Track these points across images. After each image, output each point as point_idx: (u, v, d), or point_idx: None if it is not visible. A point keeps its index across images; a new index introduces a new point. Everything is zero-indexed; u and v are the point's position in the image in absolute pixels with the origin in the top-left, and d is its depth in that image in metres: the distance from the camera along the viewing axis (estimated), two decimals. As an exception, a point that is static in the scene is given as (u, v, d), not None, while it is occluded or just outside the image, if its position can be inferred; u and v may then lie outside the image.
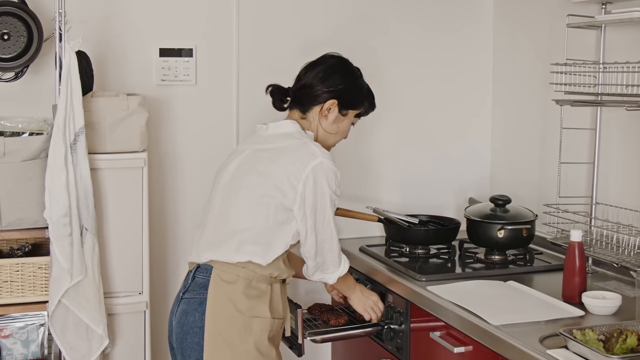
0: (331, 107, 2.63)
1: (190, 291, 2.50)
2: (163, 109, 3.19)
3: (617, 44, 2.90)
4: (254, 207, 2.49)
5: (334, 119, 2.65)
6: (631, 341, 2.04)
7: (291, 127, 2.61)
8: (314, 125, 2.66)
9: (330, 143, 2.70)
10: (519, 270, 2.95)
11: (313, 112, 2.65)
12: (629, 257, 2.59)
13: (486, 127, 3.68)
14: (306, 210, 2.49)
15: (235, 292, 2.45)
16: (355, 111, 2.70)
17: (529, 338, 2.20)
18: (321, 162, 2.48)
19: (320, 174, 2.48)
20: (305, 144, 2.53)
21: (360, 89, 2.71)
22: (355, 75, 2.71)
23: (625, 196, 2.88)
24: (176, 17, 3.18)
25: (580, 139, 3.05)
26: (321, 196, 2.49)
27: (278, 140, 2.57)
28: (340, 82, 2.64)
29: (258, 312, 2.47)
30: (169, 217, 3.24)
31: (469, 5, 3.61)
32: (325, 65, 2.67)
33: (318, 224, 2.51)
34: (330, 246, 2.56)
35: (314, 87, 2.63)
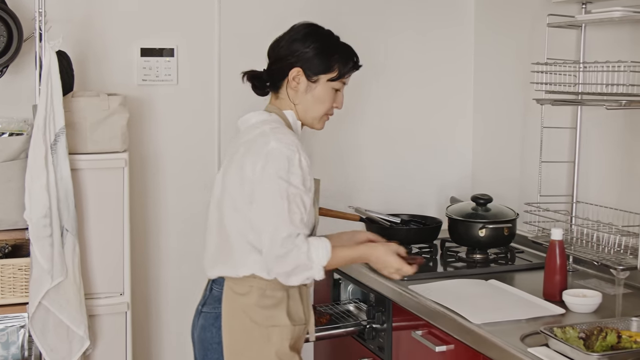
0: (296, 76, 2.42)
1: (207, 304, 2.43)
2: (144, 109, 3.18)
3: (597, 43, 2.92)
4: (238, 216, 2.34)
5: (305, 88, 2.43)
6: (611, 339, 2.05)
7: (255, 117, 2.45)
8: (288, 102, 2.46)
9: (314, 115, 2.47)
10: (501, 269, 2.96)
11: (284, 87, 2.45)
12: (609, 255, 2.60)
13: (468, 127, 3.69)
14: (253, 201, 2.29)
15: (249, 304, 2.34)
16: (327, 75, 2.43)
17: (510, 336, 2.21)
18: (272, 148, 2.27)
19: (270, 160, 2.26)
20: (262, 132, 2.33)
21: (327, 50, 2.44)
22: (321, 36, 2.47)
23: (605, 195, 2.89)
24: (157, 16, 3.18)
25: (561, 138, 3.06)
26: (267, 182, 2.26)
27: (246, 133, 2.41)
28: (302, 46, 2.42)
29: (276, 321, 2.35)
30: (151, 217, 3.23)
31: (451, 6, 3.62)
32: (287, 35, 2.48)
33: (259, 214, 2.28)
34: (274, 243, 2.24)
35: (278, 60, 2.45)
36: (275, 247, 2.24)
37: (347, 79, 2.49)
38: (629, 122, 2.80)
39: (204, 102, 3.27)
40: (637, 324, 2.21)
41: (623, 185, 2.83)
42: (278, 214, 2.25)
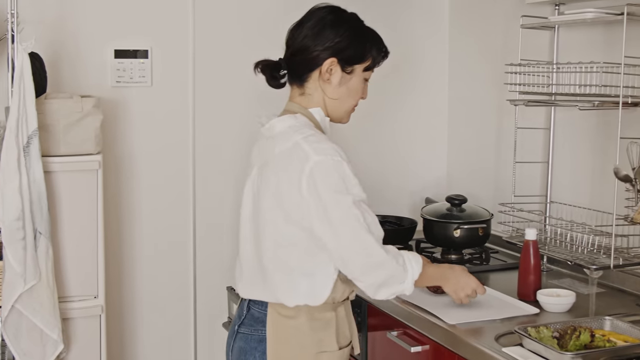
0: (331, 68, 2.20)
1: (246, 325, 2.23)
2: (118, 110, 3.16)
3: (571, 44, 2.94)
4: (281, 243, 2.15)
5: (339, 80, 2.21)
6: (584, 338, 2.06)
7: (280, 123, 2.21)
8: (317, 97, 2.23)
9: (345, 109, 2.28)
10: (475, 269, 2.97)
11: (312, 80, 2.22)
12: (583, 255, 2.62)
13: (442, 128, 3.70)
14: (323, 226, 2.09)
15: (299, 327, 2.16)
16: (362, 64, 2.24)
17: (485, 336, 2.22)
18: (316, 163, 2.07)
19: (318, 178, 2.07)
20: (296, 144, 2.11)
21: (362, 37, 2.24)
22: (353, 22, 2.25)
23: (578, 195, 2.91)
24: (131, 18, 3.16)
25: (535, 138, 3.08)
26: (327, 202, 2.07)
27: (275, 145, 2.18)
28: (335, 34, 2.19)
29: (325, 346, 2.19)
30: (125, 219, 3.21)
31: (425, 7, 3.63)
32: (314, 20, 2.23)
33: (342, 237, 2.08)
34: (370, 252, 2.09)
35: (306, 49, 2.20)
36: (368, 258, 2.09)
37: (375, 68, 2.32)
38: (601, 123, 2.82)
39: (179, 103, 3.26)
40: (610, 323, 2.22)
41: (596, 185, 2.85)
42: (356, 227, 2.08)
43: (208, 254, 3.34)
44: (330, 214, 2.07)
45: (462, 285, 2.32)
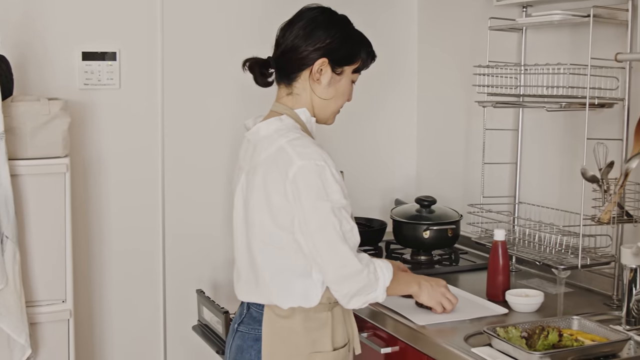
0: (322, 68, 2.22)
1: (245, 324, 2.26)
2: (86, 113, 3.14)
3: (538, 46, 2.96)
4: (272, 250, 2.18)
5: (329, 81, 2.24)
6: (552, 337, 2.07)
7: (265, 127, 2.22)
8: (304, 97, 2.25)
9: (332, 110, 2.31)
10: (445, 270, 2.99)
11: (301, 79, 2.24)
12: (551, 255, 2.64)
13: (412, 129, 3.71)
14: (301, 231, 2.12)
15: (293, 327, 2.19)
16: (352, 66, 2.28)
17: (454, 337, 2.23)
18: (299, 168, 2.09)
19: (300, 183, 2.09)
20: (280, 148, 2.13)
21: (352, 39, 2.28)
22: (343, 23, 2.29)
23: (546, 195, 2.93)
24: (99, 20, 3.13)
25: (504, 139, 3.10)
26: (309, 210, 2.10)
27: (261, 150, 2.19)
28: (327, 35, 2.22)
29: (319, 347, 2.20)
30: (94, 223, 3.19)
31: (393, 9, 3.64)
32: (305, 20, 2.25)
33: (318, 245, 2.11)
34: (344, 262, 2.12)
35: (296, 49, 2.22)
36: (342, 269, 2.12)
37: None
38: (569, 124, 2.84)
39: (147, 106, 3.24)
40: (578, 322, 2.24)
41: (564, 185, 2.87)
42: (332, 234, 2.10)
43: (177, 257, 3.32)
44: (308, 220, 2.10)
45: (438, 292, 2.39)
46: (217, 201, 3.34)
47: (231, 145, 3.32)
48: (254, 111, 3.38)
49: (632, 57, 2.44)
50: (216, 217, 3.34)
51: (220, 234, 3.35)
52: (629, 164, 2.42)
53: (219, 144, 3.34)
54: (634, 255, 2.32)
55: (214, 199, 3.34)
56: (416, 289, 2.36)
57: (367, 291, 2.16)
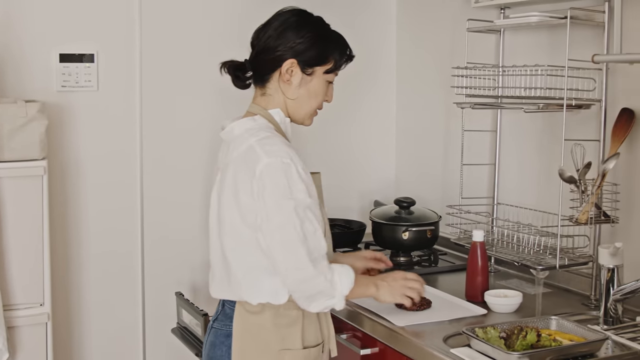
0: (291, 69, 2.24)
1: (219, 320, 2.28)
2: (64, 115, 3.12)
3: (516, 47, 2.97)
4: (242, 248, 2.19)
5: (299, 81, 2.25)
6: (531, 337, 2.08)
7: (238, 127, 2.25)
8: (277, 98, 2.27)
9: (306, 111, 2.31)
10: (424, 271, 2.99)
11: (273, 80, 2.26)
12: (529, 256, 2.65)
13: (391, 130, 3.72)
14: (264, 230, 2.13)
15: (263, 323, 2.20)
16: (324, 67, 2.27)
17: (433, 338, 2.23)
18: (265, 165, 2.11)
19: (266, 181, 2.11)
20: (250, 147, 2.16)
21: (325, 40, 2.28)
22: (316, 24, 2.30)
23: (524, 196, 2.94)
24: (77, 21, 3.12)
25: (482, 140, 3.11)
26: (272, 206, 2.11)
27: (233, 149, 2.22)
28: (297, 36, 2.23)
29: (288, 344, 2.21)
30: (72, 226, 3.17)
31: (372, 11, 3.65)
32: (278, 22, 2.27)
33: (276, 245, 2.12)
34: (298, 265, 2.11)
35: (268, 50, 2.24)
36: (295, 271, 2.11)
37: (339, 71, 2.35)
38: (546, 125, 2.86)
39: (125, 108, 3.22)
40: (556, 322, 2.25)
41: (542, 186, 2.88)
42: (291, 235, 2.10)
43: (156, 259, 3.31)
44: (270, 218, 2.11)
45: (398, 285, 2.32)
46: (196, 203, 3.33)
47: (210, 147, 3.31)
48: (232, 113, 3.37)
49: (609, 58, 2.46)
50: (195, 220, 3.33)
51: (199, 236, 3.34)
52: (606, 164, 2.44)
53: (198, 146, 3.33)
54: (612, 255, 2.34)
55: (192, 201, 3.33)
56: (374, 291, 2.30)
57: (324, 297, 2.15)
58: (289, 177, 2.11)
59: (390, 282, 2.33)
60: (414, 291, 2.34)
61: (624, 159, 2.51)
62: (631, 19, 2.47)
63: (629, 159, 2.53)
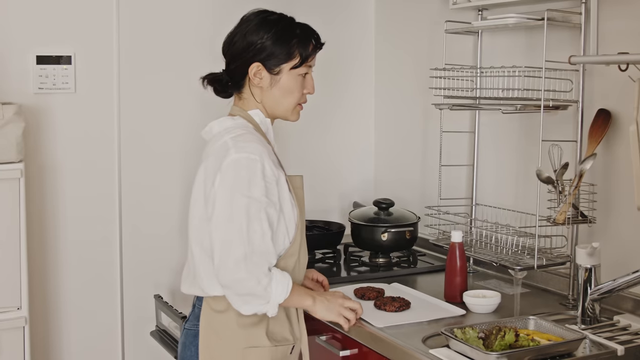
0: (257, 72, 2.25)
1: (189, 321, 2.30)
2: (41, 118, 3.10)
3: (494, 49, 2.98)
4: (201, 235, 2.21)
5: (269, 82, 2.26)
6: (509, 337, 2.09)
7: (218, 125, 2.28)
8: (252, 101, 2.30)
9: (285, 108, 2.31)
10: (403, 272, 3.00)
11: (246, 86, 2.30)
12: (507, 256, 2.66)
13: (369, 132, 3.72)
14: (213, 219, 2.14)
15: (227, 322, 2.20)
16: (289, 63, 2.27)
17: (412, 339, 2.23)
18: (232, 160, 2.12)
19: (227, 174, 2.12)
20: (224, 143, 2.18)
21: (285, 37, 2.26)
22: (274, 22, 2.28)
23: (502, 197, 2.96)
24: (54, 23, 3.10)
25: (460, 142, 3.12)
26: (223, 196, 2.12)
27: (210, 146, 2.25)
28: (257, 38, 2.24)
29: (254, 342, 2.20)
30: (49, 228, 3.14)
31: (350, 12, 3.65)
32: (242, 27, 2.29)
33: (216, 234, 2.12)
34: (232, 266, 2.09)
35: (235, 57, 2.28)
36: (230, 269, 2.09)
37: (312, 61, 2.33)
38: (524, 126, 2.87)
39: (103, 110, 3.21)
40: (534, 322, 2.26)
41: (520, 187, 2.89)
42: (234, 232, 2.09)
43: (135, 262, 3.29)
44: (220, 210, 2.12)
45: (336, 304, 2.28)
46: (175, 207, 3.32)
47: (188, 149, 3.30)
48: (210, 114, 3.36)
49: (586, 59, 2.47)
50: (173, 223, 3.32)
51: (178, 239, 3.33)
52: (583, 165, 2.45)
53: (176, 147, 3.32)
54: (589, 255, 2.35)
55: (171, 204, 3.32)
56: (310, 303, 2.24)
57: (257, 302, 2.12)
58: (251, 173, 2.11)
59: (329, 299, 2.28)
60: (352, 313, 2.29)
61: (600, 159, 2.52)
62: (607, 21, 2.49)
63: (606, 159, 2.54)
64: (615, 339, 2.20)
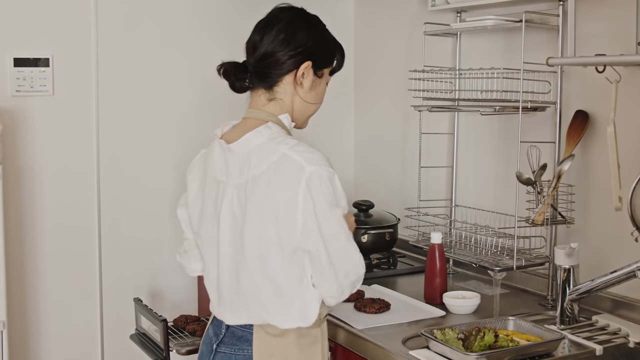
0: (305, 72, 2.12)
1: (227, 344, 2.13)
2: (19, 120, 3.08)
3: (473, 51, 2.99)
4: (270, 264, 2.03)
5: (311, 84, 2.14)
6: (488, 338, 2.10)
7: (255, 137, 2.07)
8: (286, 102, 2.14)
9: (309, 114, 2.23)
10: (383, 274, 3.00)
11: (283, 84, 2.12)
12: (487, 257, 2.67)
13: (349, 133, 3.73)
14: (315, 242, 1.99)
15: (288, 345, 2.08)
16: (329, 68, 2.21)
17: (392, 340, 2.24)
18: (311, 173, 1.97)
19: (314, 191, 1.97)
20: (284, 156, 2.00)
21: (329, 40, 2.22)
22: (320, 25, 2.21)
23: (481, 198, 2.97)
24: (31, 25, 3.08)
25: (440, 143, 3.13)
26: (320, 216, 1.98)
27: (259, 160, 2.03)
28: (308, 37, 2.12)
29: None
30: (28, 232, 3.12)
31: (329, 14, 3.63)
32: (283, 22, 2.13)
33: (331, 253, 2.00)
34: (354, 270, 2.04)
35: (277, 52, 2.09)
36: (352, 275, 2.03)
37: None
38: (503, 127, 2.88)
39: (81, 113, 3.19)
40: (514, 322, 2.27)
41: (499, 188, 2.91)
42: (346, 244, 2.01)
43: (114, 265, 3.28)
44: (323, 228, 1.99)
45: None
46: (154, 209, 3.31)
47: (167, 152, 3.30)
48: (191, 116, 3.38)
49: (563, 61, 2.49)
50: (153, 225, 3.31)
51: (157, 242, 3.32)
52: (562, 166, 2.47)
53: (155, 150, 3.31)
54: (567, 255, 2.36)
55: (150, 206, 3.31)
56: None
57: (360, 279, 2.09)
58: (334, 186, 2.02)
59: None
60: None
61: (578, 160, 2.54)
62: (585, 23, 2.50)
63: (584, 160, 2.56)
64: (593, 339, 2.22)
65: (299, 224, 1.98)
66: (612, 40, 2.44)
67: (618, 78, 2.31)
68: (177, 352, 2.69)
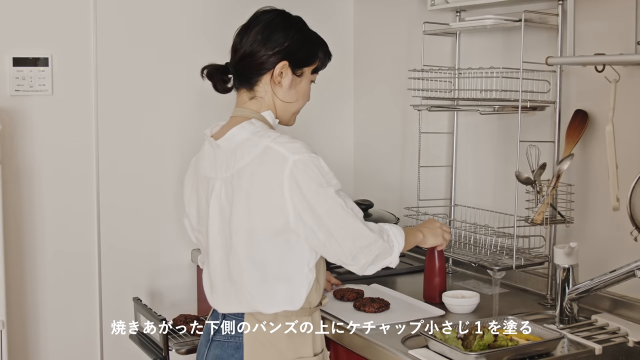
0: (282, 71, 2.21)
1: (221, 333, 2.21)
2: (18, 120, 3.08)
3: (472, 50, 2.99)
4: (256, 252, 2.12)
5: (289, 83, 2.23)
6: (488, 338, 2.09)
7: (239, 132, 2.17)
8: (267, 100, 2.23)
9: (293, 112, 2.31)
10: (382, 273, 2.95)
11: (262, 83, 2.22)
12: (486, 256, 2.66)
13: (348, 132, 3.73)
14: (310, 223, 2.08)
15: (277, 333, 2.16)
16: (310, 67, 2.29)
17: (392, 339, 2.24)
18: (294, 162, 2.06)
19: (299, 177, 2.06)
20: (267, 148, 2.09)
21: (309, 39, 2.29)
22: (299, 25, 2.29)
23: (481, 197, 2.97)
24: (30, 25, 3.08)
25: (439, 143, 3.13)
26: (310, 198, 2.06)
27: (242, 155, 2.13)
28: (285, 38, 2.21)
29: (302, 352, 2.18)
30: (27, 232, 3.12)
31: (329, 13, 3.65)
32: (262, 24, 2.22)
33: (331, 227, 2.08)
34: (358, 235, 2.12)
35: (255, 53, 2.20)
36: (359, 240, 2.11)
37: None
38: (502, 126, 2.88)
39: (81, 112, 3.19)
40: (513, 322, 2.27)
41: (498, 187, 2.91)
42: (344, 216, 2.09)
43: (114, 265, 3.28)
44: (316, 208, 2.07)
45: (438, 230, 2.45)
46: (153, 208, 3.31)
47: (167, 151, 3.30)
48: (190, 116, 3.38)
49: (562, 60, 2.49)
50: (152, 224, 3.31)
51: (157, 241, 3.32)
52: (561, 165, 2.47)
53: (155, 150, 3.31)
54: (567, 255, 2.36)
55: (149, 206, 3.31)
56: (421, 237, 2.41)
57: (383, 258, 2.19)
58: (320, 168, 2.10)
59: (430, 226, 2.45)
60: (449, 234, 2.49)
61: (578, 159, 2.54)
62: (584, 22, 2.50)
63: (583, 159, 2.56)
64: (593, 338, 2.22)
65: (290, 212, 2.07)
66: (612, 39, 2.44)
67: (617, 77, 2.31)
68: (177, 352, 2.68)
